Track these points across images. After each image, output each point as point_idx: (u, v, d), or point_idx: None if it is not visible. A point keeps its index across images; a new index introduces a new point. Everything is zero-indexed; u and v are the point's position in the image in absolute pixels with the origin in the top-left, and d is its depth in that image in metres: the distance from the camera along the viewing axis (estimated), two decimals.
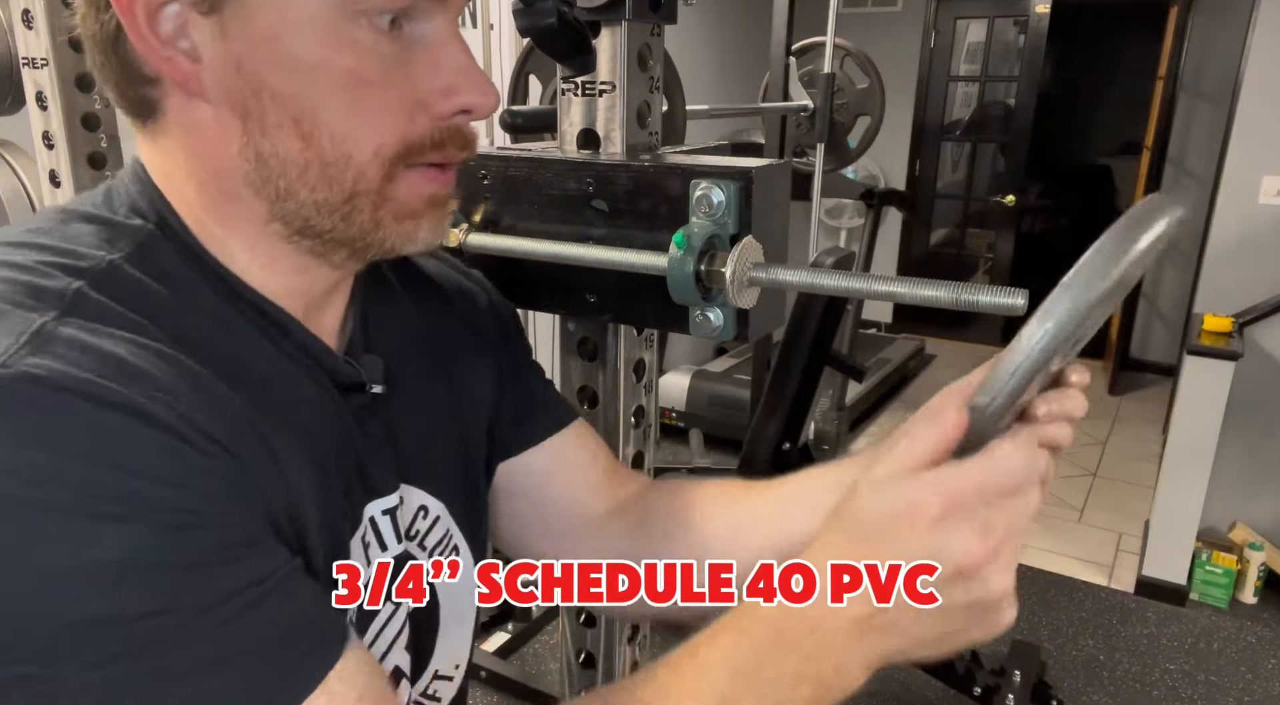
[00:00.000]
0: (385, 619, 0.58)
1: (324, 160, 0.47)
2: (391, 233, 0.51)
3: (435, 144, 0.50)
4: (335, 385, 0.54)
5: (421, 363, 0.63)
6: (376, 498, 0.56)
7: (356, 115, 0.47)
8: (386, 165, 0.48)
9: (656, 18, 0.74)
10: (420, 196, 0.51)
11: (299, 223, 0.49)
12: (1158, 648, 2.72)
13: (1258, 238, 2.90)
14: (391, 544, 0.58)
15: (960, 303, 0.52)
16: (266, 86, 0.46)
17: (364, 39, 0.46)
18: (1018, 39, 5.43)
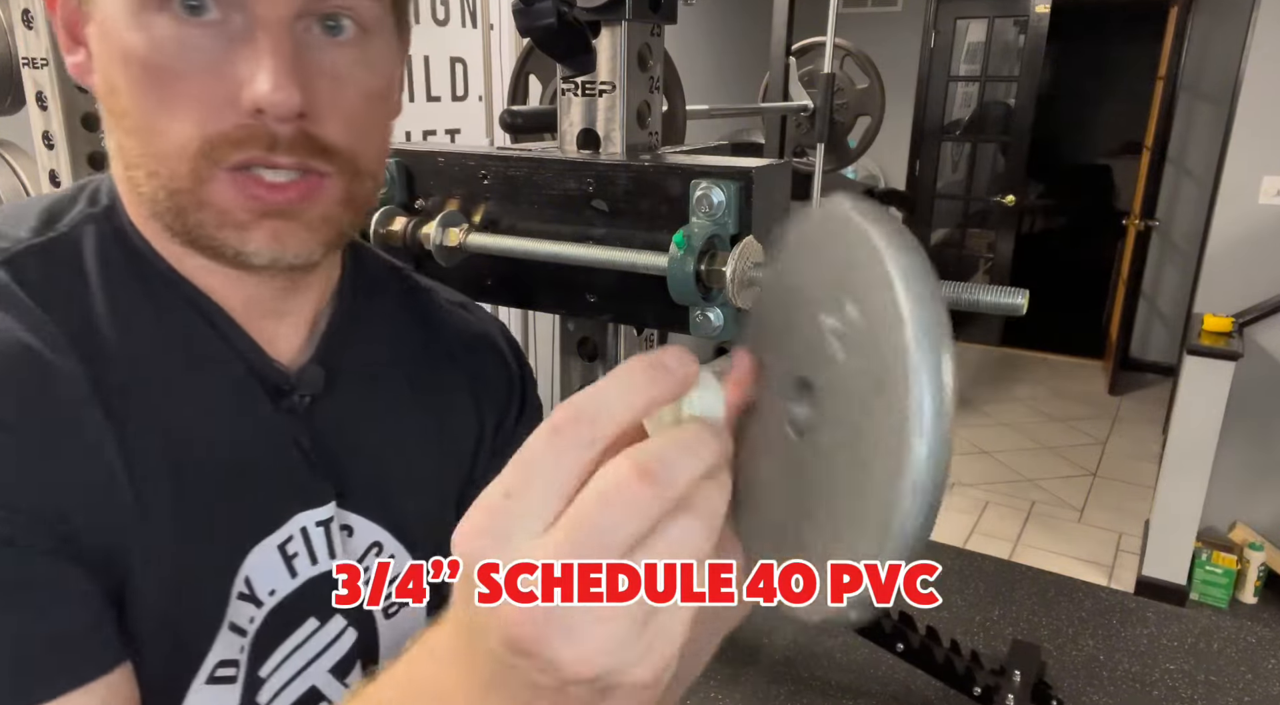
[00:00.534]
0: (308, 634, 0.56)
1: (147, 154, 0.47)
2: (215, 239, 0.48)
3: (235, 142, 0.46)
4: (263, 387, 0.53)
5: (404, 402, 0.62)
6: (307, 508, 0.55)
7: (162, 109, 0.45)
8: (193, 162, 0.46)
9: (656, 18, 0.74)
10: (239, 206, 0.47)
11: (157, 217, 0.49)
12: (1158, 648, 2.72)
13: (1258, 238, 2.90)
14: (323, 559, 0.56)
15: (960, 303, 0.53)
16: (110, 82, 0.47)
17: (163, 28, 0.44)
18: (1018, 39, 5.43)
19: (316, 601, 0.56)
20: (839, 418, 0.32)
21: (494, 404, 0.68)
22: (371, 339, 0.61)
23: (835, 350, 0.32)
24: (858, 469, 0.32)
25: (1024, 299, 0.49)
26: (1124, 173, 6.86)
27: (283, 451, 0.54)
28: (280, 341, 0.55)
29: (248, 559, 0.52)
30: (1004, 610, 2.91)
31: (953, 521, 3.49)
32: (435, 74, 2.84)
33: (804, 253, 0.36)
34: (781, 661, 2.64)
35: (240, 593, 0.52)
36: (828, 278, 0.33)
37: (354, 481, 0.58)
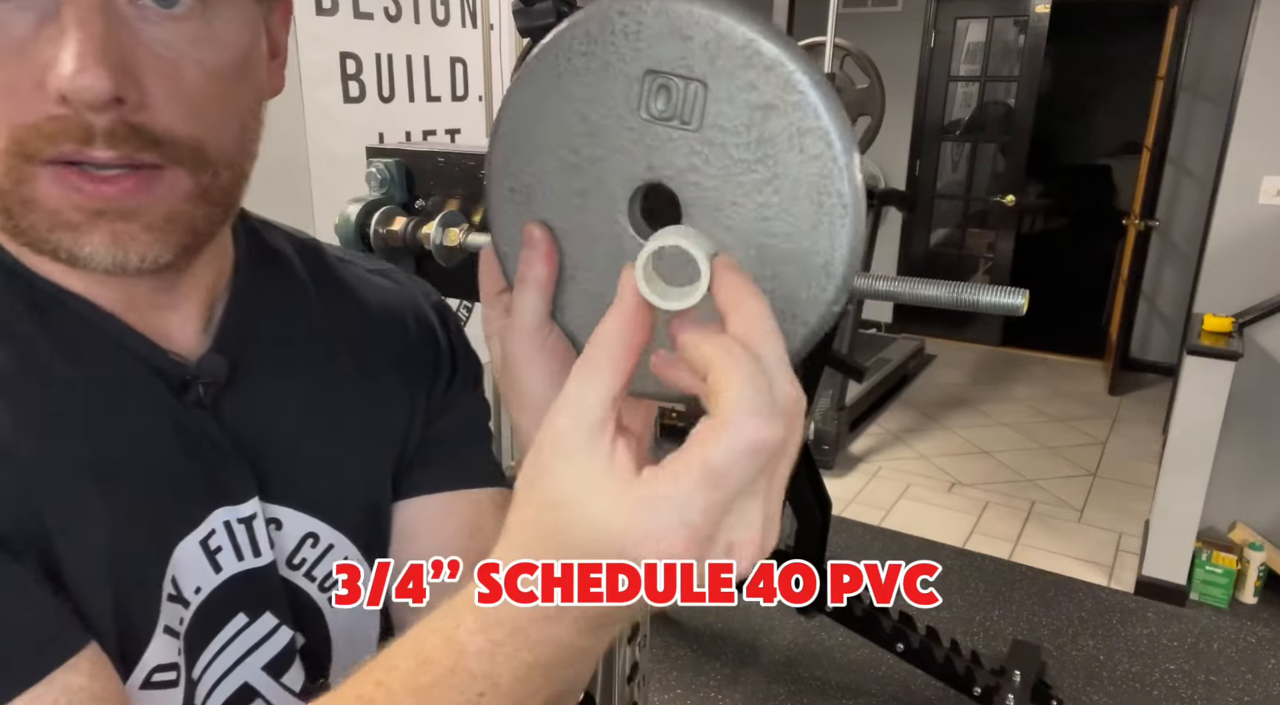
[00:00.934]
0: (237, 630, 0.54)
1: None
2: (53, 242, 0.43)
3: (46, 136, 0.41)
4: (163, 382, 0.50)
5: (323, 385, 0.59)
6: (226, 504, 0.52)
7: None
8: (5, 159, 0.41)
9: None
10: (67, 204, 0.42)
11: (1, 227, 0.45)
12: (1158, 648, 2.72)
13: (1258, 238, 2.90)
14: (249, 555, 0.54)
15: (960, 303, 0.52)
16: None
17: None
18: (1018, 39, 5.43)
19: (243, 597, 0.54)
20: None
21: (423, 375, 0.65)
22: (280, 319, 0.58)
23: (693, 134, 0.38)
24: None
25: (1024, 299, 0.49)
26: (1124, 173, 6.86)
27: (193, 446, 0.51)
28: (175, 334, 0.52)
29: (173, 558, 0.50)
30: (1004, 610, 2.91)
31: (953, 521, 3.49)
32: (435, 74, 2.85)
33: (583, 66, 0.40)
34: (781, 661, 2.64)
35: (169, 594, 0.50)
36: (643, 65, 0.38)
37: (275, 472, 0.55)
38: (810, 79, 0.36)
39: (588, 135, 0.40)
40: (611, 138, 0.40)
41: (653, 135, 0.39)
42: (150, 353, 0.50)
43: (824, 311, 0.39)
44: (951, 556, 3.23)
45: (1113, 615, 2.89)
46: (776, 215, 0.38)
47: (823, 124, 0.36)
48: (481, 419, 0.69)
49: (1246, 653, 2.70)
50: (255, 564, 0.54)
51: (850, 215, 0.37)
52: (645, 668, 0.86)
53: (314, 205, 2.44)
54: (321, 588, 0.59)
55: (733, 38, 0.36)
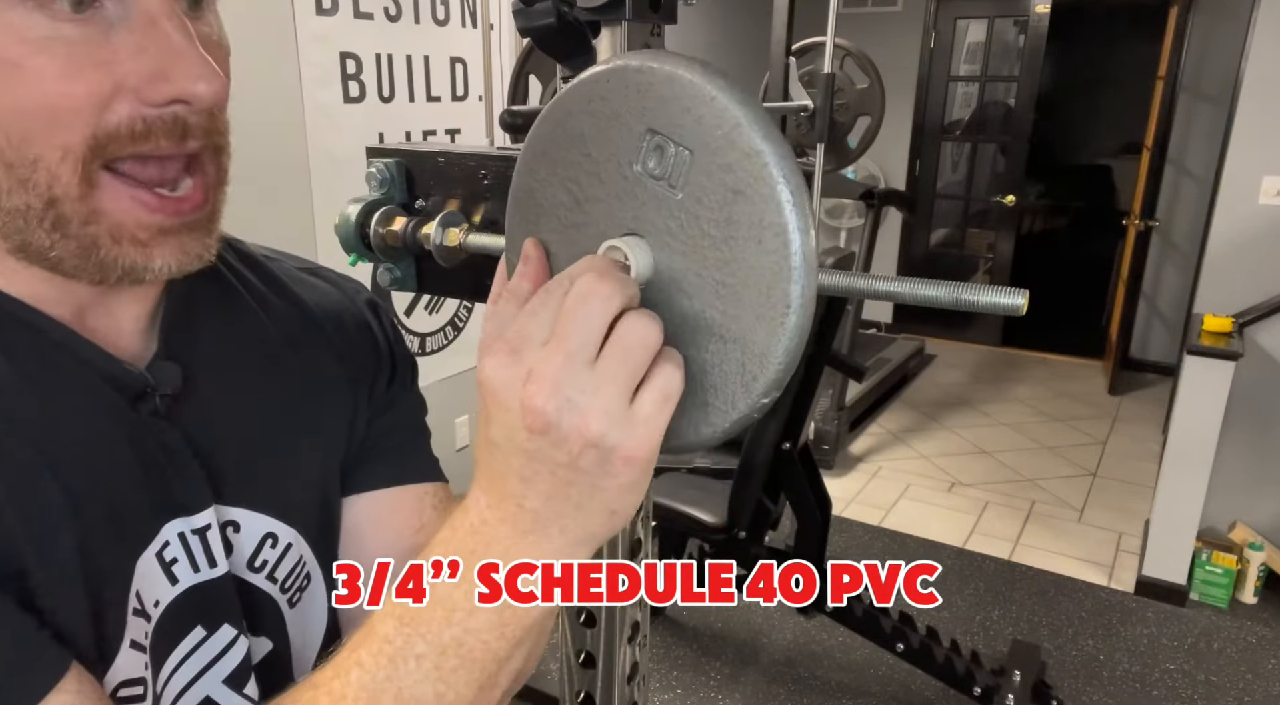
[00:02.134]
0: (195, 643, 0.54)
1: (9, 163, 0.42)
2: (116, 255, 0.45)
3: (137, 136, 0.43)
4: (118, 392, 0.49)
5: (270, 384, 0.59)
6: (180, 515, 0.52)
7: (35, 112, 0.41)
8: (80, 166, 0.42)
9: (656, 18, 0.73)
10: (138, 222, 0.45)
11: (16, 237, 0.44)
12: (1158, 648, 2.72)
13: (1258, 238, 2.90)
14: (204, 567, 0.53)
15: (960, 303, 0.52)
16: None
17: (36, 27, 0.40)
18: (1018, 39, 5.43)
19: (199, 610, 0.53)
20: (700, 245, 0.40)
21: (364, 374, 0.65)
22: (220, 320, 0.57)
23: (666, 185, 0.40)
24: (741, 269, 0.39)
25: (1024, 299, 0.49)
26: (1124, 173, 6.86)
27: (148, 458, 0.50)
28: (121, 341, 0.51)
29: (136, 571, 0.49)
30: (1004, 610, 2.91)
31: (953, 521, 3.49)
32: (435, 74, 2.85)
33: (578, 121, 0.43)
34: (781, 661, 2.64)
35: (134, 608, 0.49)
36: (627, 124, 0.41)
37: (231, 475, 0.55)
38: (783, 175, 0.37)
39: (591, 174, 0.43)
40: (609, 182, 0.42)
41: (642, 189, 0.41)
42: (105, 363, 0.49)
43: (752, 401, 0.40)
44: (951, 556, 3.23)
45: (1113, 615, 2.89)
46: (729, 295, 0.39)
47: (784, 221, 0.37)
48: (420, 416, 0.71)
49: (1246, 653, 2.70)
50: (211, 575, 0.54)
51: (793, 317, 0.38)
52: (645, 668, 0.86)
53: (314, 205, 2.44)
54: (283, 589, 0.59)
55: (722, 117, 0.37)
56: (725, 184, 0.38)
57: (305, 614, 0.61)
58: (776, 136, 0.37)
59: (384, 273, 0.77)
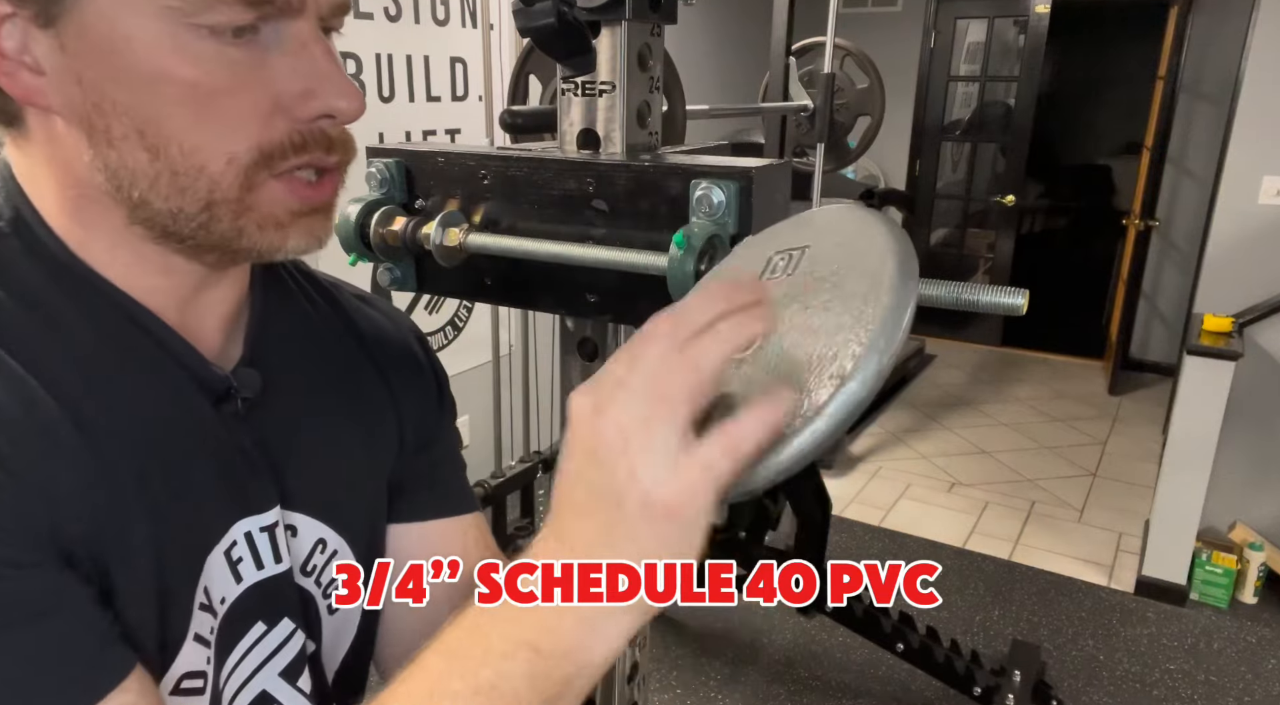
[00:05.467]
0: (256, 638, 0.56)
1: (174, 171, 0.46)
2: (256, 240, 0.49)
3: (297, 147, 0.48)
4: (202, 391, 0.52)
5: (332, 399, 0.62)
6: (249, 514, 0.54)
7: (204, 125, 0.45)
8: (244, 173, 0.47)
9: (656, 18, 0.74)
10: (285, 208, 0.49)
11: (159, 228, 0.48)
12: (1158, 648, 2.72)
13: (1258, 238, 2.90)
14: (269, 563, 0.56)
15: (960, 303, 0.52)
16: (108, 99, 0.44)
17: (207, 50, 0.44)
18: (1018, 39, 5.43)
19: (262, 605, 0.56)
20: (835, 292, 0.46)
21: (413, 407, 0.68)
22: (291, 337, 0.60)
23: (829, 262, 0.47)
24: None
25: (1024, 299, 0.49)
26: (1124, 173, 6.86)
27: (226, 457, 0.53)
28: (206, 341, 0.54)
29: (205, 566, 0.51)
30: (1004, 610, 2.91)
31: (953, 521, 3.49)
32: (435, 74, 2.85)
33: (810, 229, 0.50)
34: (781, 661, 2.64)
35: (201, 603, 0.51)
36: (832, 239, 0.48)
37: (295, 481, 0.57)
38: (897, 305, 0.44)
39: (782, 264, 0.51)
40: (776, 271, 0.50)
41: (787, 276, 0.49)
42: (194, 361, 0.52)
43: (792, 455, 0.42)
44: (951, 556, 3.23)
45: (1113, 615, 2.89)
46: (816, 361, 0.45)
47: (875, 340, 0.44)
48: (459, 448, 0.74)
49: (1246, 653, 2.70)
50: (274, 571, 0.56)
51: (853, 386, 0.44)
52: (645, 668, 0.86)
53: None
54: (324, 594, 0.61)
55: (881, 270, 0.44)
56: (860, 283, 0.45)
57: (341, 621, 0.63)
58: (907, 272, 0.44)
59: (384, 273, 0.77)
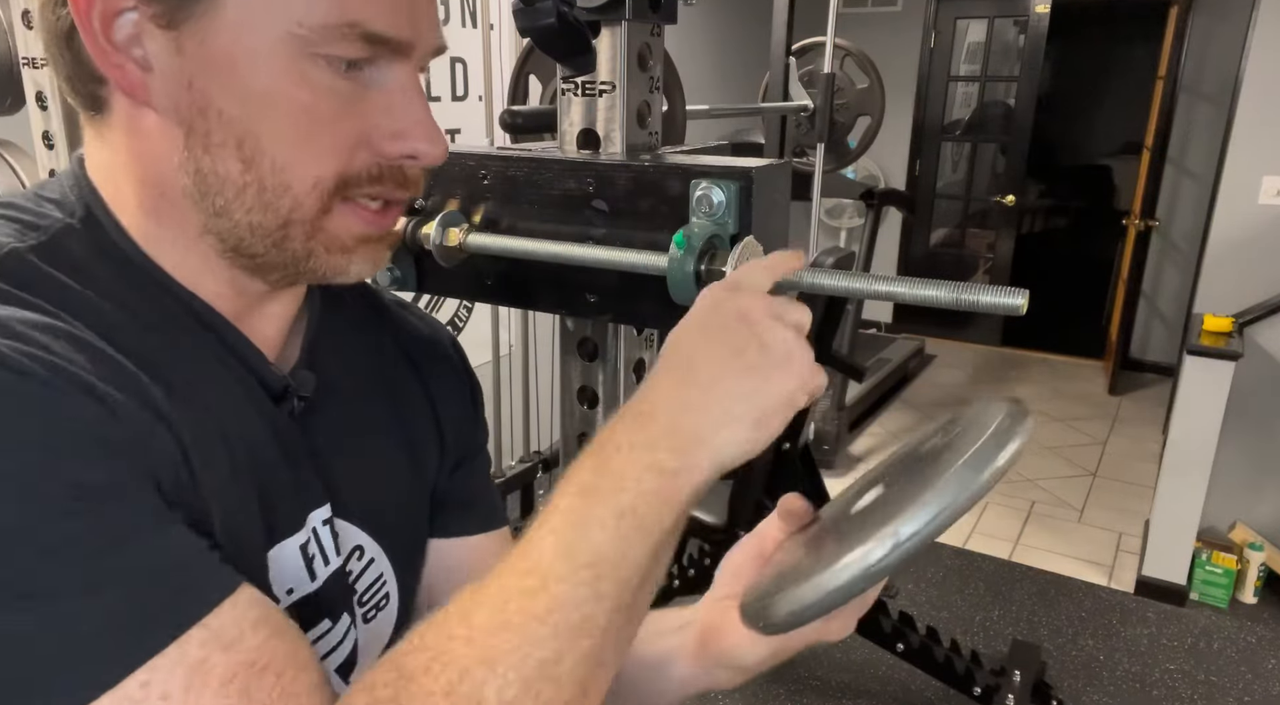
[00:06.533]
0: (321, 634, 0.56)
1: (262, 185, 0.47)
2: (323, 263, 0.51)
3: (373, 178, 0.50)
4: (264, 391, 0.53)
5: (378, 407, 0.63)
6: (313, 509, 0.56)
7: (301, 147, 0.47)
8: (324, 197, 0.49)
9: (656, 18, 0.74)
10: (351, 233, 0.51)
11: (233, 241, 0.49)
12: (1158, 648, 2.72)
13: (1258, 238, 2.90)
14: (333, 557, 0.57)
15: (960, 303, 0.52)
16: (214, 106, 0.46)
17: (320, 78, 0.46)
18: (1018, 39, 5.43)
19: (329, 602, 0.57)
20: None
21: (453, 416, 0.68)
22: (343, 345, 0.62)
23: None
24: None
25: (1024, 299, 0.49)
26: (1124, 173, 6.86)
27: (291, 452, 0.54)
28: (268, 344, 0.55)
29: (269, 556, 0.52)
30: (1004, 610, 2.91)
31: None
32: (435, 74, 2.85)
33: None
34: (782, 661, 2.63)
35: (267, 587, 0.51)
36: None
37: (340, 485, 0.58)
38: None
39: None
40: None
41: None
42: (256, 360, 0.53)
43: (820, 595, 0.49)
44: (951, 556, 3.23)
45: (1113, 615, 2.89)
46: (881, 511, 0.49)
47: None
48: (489, 464, 0.75)
49: (1246, 653, 2.70)
50: (337, 566, 0.57)
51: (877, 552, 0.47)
52: None
53: None
54: (360, 602, 0.61)
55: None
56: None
57: (375, 633, 0.63)
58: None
59: (384, 273, 0.77)
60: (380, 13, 0.47)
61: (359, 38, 0.46)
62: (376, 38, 0.47)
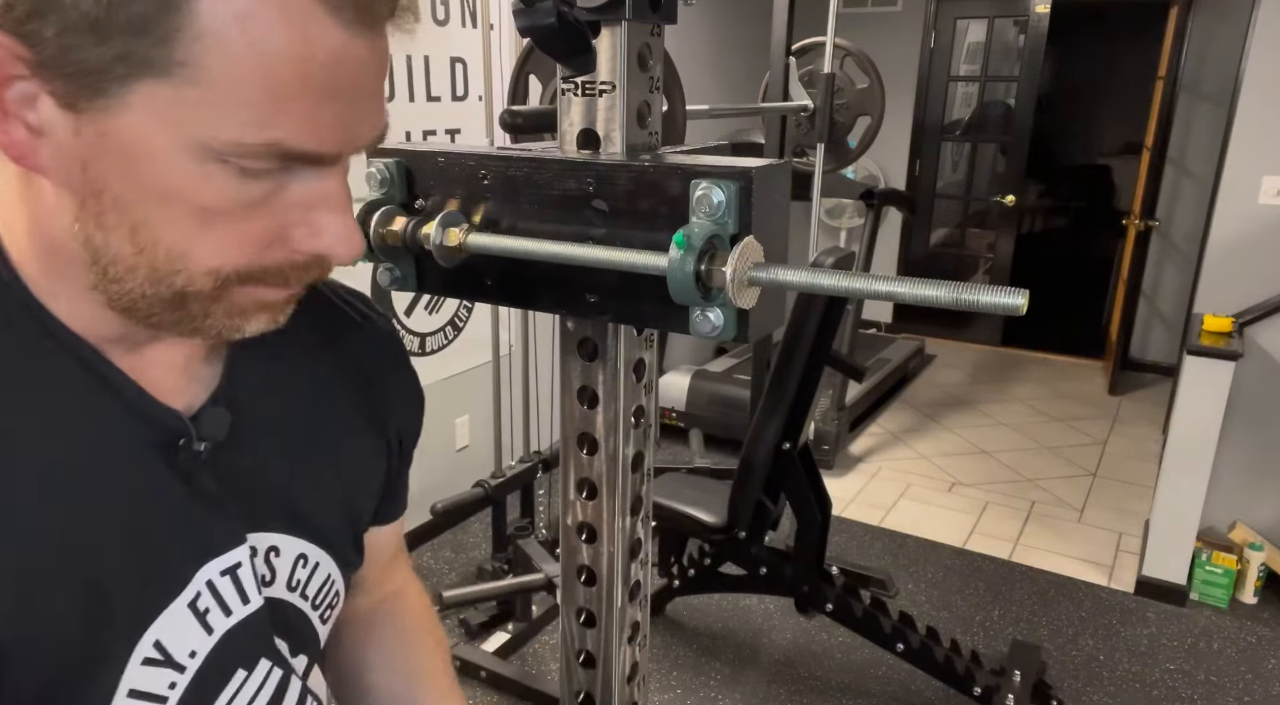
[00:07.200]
0: (238, 685, 0.56)
1: (154, 266, 0.45)
2: (219, 323, 0.49)
3: (280, 272, 0.48)
4: (160, 439, 0.51)
5: (317, 412, 0.63)
6: (212, 557, 0.53)
7: (201, 240, 0.45)
8: (220, 282, 0.46)
9: (656, 18, 0.73)
10: (255, 301, 0.49)
11: (124, 303, 0.47)
12: (1158, 648, 2.72)
13: (1258, 238, 2.90)
14: (236, 608, 0.55)
15: (960, 303, 0.52)
16: (110, 192, 0.43)
17: (227, 184, 0.44)
18: (1018, 39, 5.43)
19: (240, 653, 0.55)
20: None
21: (401, 409, 0.70)
22: (273, 354, 0.59)
23: None
24: None
25: (1024, 299, 0.49)
26: (1124, 173, 6.86)
27: (185, 504, 0.52)
28: (169, 377, 0.53)
29: (156, 623, 0.50)
30: (1004, 610, 2.91)
31: (953, 521, 3.49)
32: (435, 74, 2.85)
33: None
34: (781, 661, 2.64)
35: (147, 658, 0.50)
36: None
37: (269, 504, 0.58)
38: None
39: None
40: None
41: None
42: (152, 409, 0.51)
43: None
44: (951, 556, 3.23)
45: (1113, 615, 2.89)
46: None
47: None
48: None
49: (1246, 653, 2.70)
50: (244, 613, 0.55)
51: None
52: (645, 668, 0.86)
53: None
54: (314, 606, 0.62)
55: None
56: None
57: (331, 626, 0.66)
58: None
59: (384, 273, 0.77)
60: (307, 130, 0.43)
61: (277, 155, 0.43)
62: (297, 155, 0.44)
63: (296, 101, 0.42)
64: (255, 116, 0.42)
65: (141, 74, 0.41)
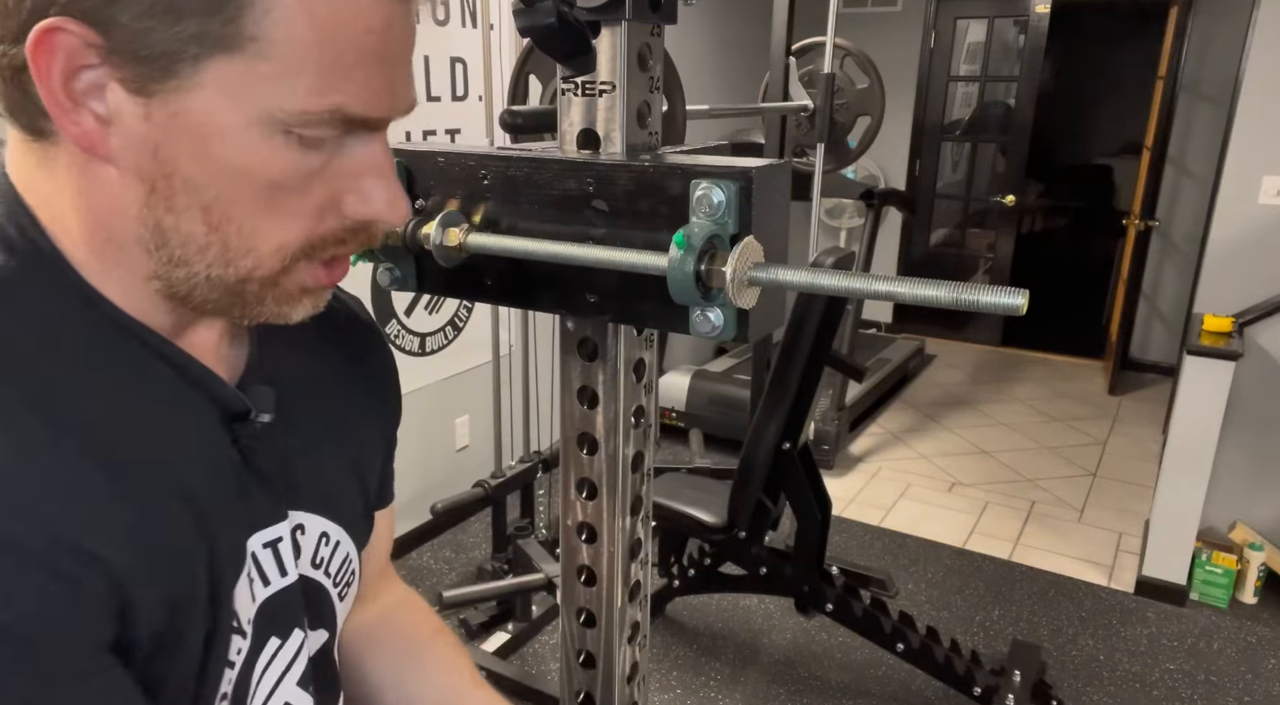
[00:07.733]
0: (273, 652, 0.57)
1: (226, 245, 0.47)
2: (270, 310, 0.52)
3: (339, 240, 0.51)
4: (222, 416, 0.53)
5: (332, 395, 0.66)
6: (256, 531, 0.55)
7: (269, 216, 0.47)
8: (287, 259, 0.49)
9: (656, 18, 0.73)
10: (302, 286, 0.52)
11: (183, 289, 0.49)
12: (1158, 648, 2.72)
13: (1258, 238, 2.90)
14: (275, 578, 0.57)
15: (960, 303, 0.52)
16: (180, 174, 0.45)
17: (291, 153, 0.46)
18: (1018, 39, 5.43)
19: (274, 622, 0.57)
20: None
21: (392, 392, 0.73)
22: (298, 345, 0.62)
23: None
24: None
25: (1024, 299, 0.49)
26: (1124, 173, 6.86)
27: (244, 477, 0.54)
28: (206, 355, 0.55)
29: (235, 593, 0.53)
30: (1004, 610, 2.91)
31: (953, 521, 3.49)
32: (435, 74, 2.85)
33: None
34: (781, 661, 2.64)
35: (232, 626, 0.52)
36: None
37: (303, 484, 0.60)
38: None
39: None
40: None
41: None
42: (210, 383, 0.53)
43: None
44: (951, 556, 3.23)
45: (1113, 615, 2.89)
46: None
47: None
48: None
49: (1246, 653, 2.70)
50: (282, 584, 0.58)
51: None
52: (645, 668, 0.86)
53: None
54: (334, 583, 0.64)
55: None
56: None
57: (350, 607, 0.69)
58: None
59: (384, 273, 0.77)
60: (363, 96, 0.47)
61: (339, 121, 0.46)
62: (355, 119, 0.47)
63: (355, 68, 0.45)
64: (319, 84, 0.44)
65: (213, 52, 0.43)
